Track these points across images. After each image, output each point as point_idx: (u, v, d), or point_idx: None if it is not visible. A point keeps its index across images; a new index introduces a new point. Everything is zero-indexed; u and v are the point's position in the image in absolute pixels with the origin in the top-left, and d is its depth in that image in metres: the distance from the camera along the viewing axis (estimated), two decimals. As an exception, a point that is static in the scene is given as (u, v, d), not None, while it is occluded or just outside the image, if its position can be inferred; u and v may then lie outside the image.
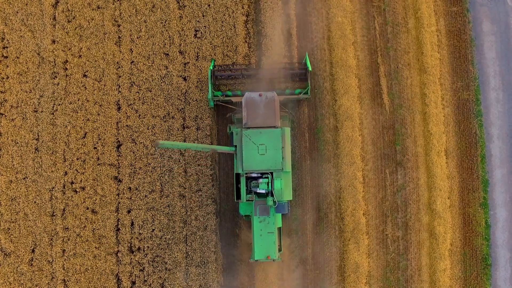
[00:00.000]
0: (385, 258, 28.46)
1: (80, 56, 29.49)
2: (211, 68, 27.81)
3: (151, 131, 28.79)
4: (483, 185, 28.89)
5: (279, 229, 26.43)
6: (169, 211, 28.25)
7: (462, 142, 29.31)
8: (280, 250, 26.49)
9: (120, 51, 29.48)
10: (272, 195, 25.06)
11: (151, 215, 28.24)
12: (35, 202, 28.45)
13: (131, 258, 28.06)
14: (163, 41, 29.39)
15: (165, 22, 29.59)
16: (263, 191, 25.14)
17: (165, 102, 28.99)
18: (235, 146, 25.51)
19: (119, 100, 29.18)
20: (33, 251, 28.22)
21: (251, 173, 25.22)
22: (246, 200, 25.36)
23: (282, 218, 27.65)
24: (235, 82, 28.85)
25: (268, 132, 25.16)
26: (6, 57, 29.46)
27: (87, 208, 28.41)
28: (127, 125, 28.90)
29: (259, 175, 25.28)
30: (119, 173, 28.66)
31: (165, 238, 28.08)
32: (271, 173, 25.13)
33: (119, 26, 29.74)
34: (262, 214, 25.36)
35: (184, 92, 29.05)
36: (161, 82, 29.13)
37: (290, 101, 28.90)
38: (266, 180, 25.06)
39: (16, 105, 29.11)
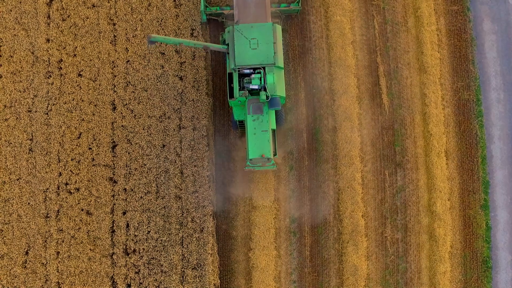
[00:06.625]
0: (384, 260, 28.15)
1: (75, 55, 29.15)
2: None
3: (147, 131, 28.44)
4: (484, 187, 28.58)
5: (274, 131, 26.49)
6: (165, 213, 27.90)
7: (462, 143, 28.99)
8: (275, 154, 26.56)
9: (116, 50, 29.13)
10: (265, 90, 25.30)
11: (146, 216, 27.89)
12: (28, 203, 28.09)
13: (127, 261, 27.69)
14: (159, 40, 29.05)
15: (161, 21, 29.24)
16: (256, 87, 25.42)
17: (161, 102, 28.63)
18: (227, 44, 26.06)
19: (114, 100, 28.82)
20: (26, 253, 27.85)
21: (243, 69, 25.55)
22: (239, 97, 25.47)
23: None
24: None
25: (259, 26, 25.79)
26: (0, 56, 29.08)
27: (82, 210, 28.04)
28: (122, 126, 28.53)
29: (252, 71, 25.59)
30: (114, 174, 28.30)
31: (161, 240, 27.73)
32: (263, 68, 25.48)
33: (114, 24, 29.40)
34: (255, 113, 25.62)
35: (180, 92, 28.70)
36: (157, 82, 28.78)
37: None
38: (258, 75, 25.41)
39: (10, 105, 28.76)
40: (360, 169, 28.50)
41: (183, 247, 27.71)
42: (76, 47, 29.15)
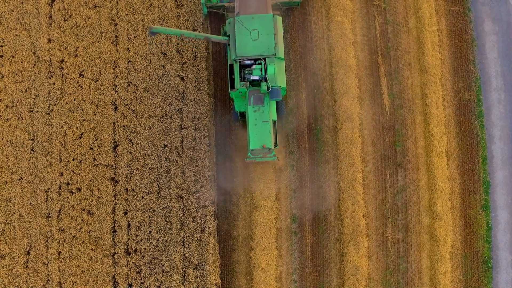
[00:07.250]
0: (385, 260, 28.17)
1: (76, 55, 29.18)
2: None
3: (148, 131, 28.47)
4: (485, 187, 28.60)
5: (275, 122, 26.58)
6: (166, 213, 27.93)
7: (463, 143, 29.02)
8: (276, 145, 26.64)
9: (117, 50, 29.17)
10: (266, 81, 25.43)
11: (148, 216, 27.92)
12: (30, 203, 28.12)
13: (128, 260, 27.73)
14: (161, 40, 29.08)
15: (163, 21, 29.27)
16: (257, 78, 25.53)
17: (163, 102, 28.67)
18: (228, 36, 26.24)
19: (115, 100, 28.86)
20: (28, 253, 27.88)
21: (244, 60, 25.69)
22: (240, 87, 25.58)
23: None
24: None
25: (260, 17, 25.91)
26: (1, 56, 29.17)
27: (83, 210, 28.08)
28: (123, 126, 28.57)
29: (252, 62, 25.76)
30: (115, 174, 28.33)
31: (162, 240, 27.76)
32: (264, 59, 25.65)
33: (116, 25, 29.42)
34: (256, 103, 25.77)
35: (181, 92, 28.74)
36: (159, 82, 28.82)
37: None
38: (259, 66, 25.51)
39: (11, 105, 28.79)
40: (361, 169, 28.53)
41: (184, 247, 27.74)
42: (78, 47, 29.19)
